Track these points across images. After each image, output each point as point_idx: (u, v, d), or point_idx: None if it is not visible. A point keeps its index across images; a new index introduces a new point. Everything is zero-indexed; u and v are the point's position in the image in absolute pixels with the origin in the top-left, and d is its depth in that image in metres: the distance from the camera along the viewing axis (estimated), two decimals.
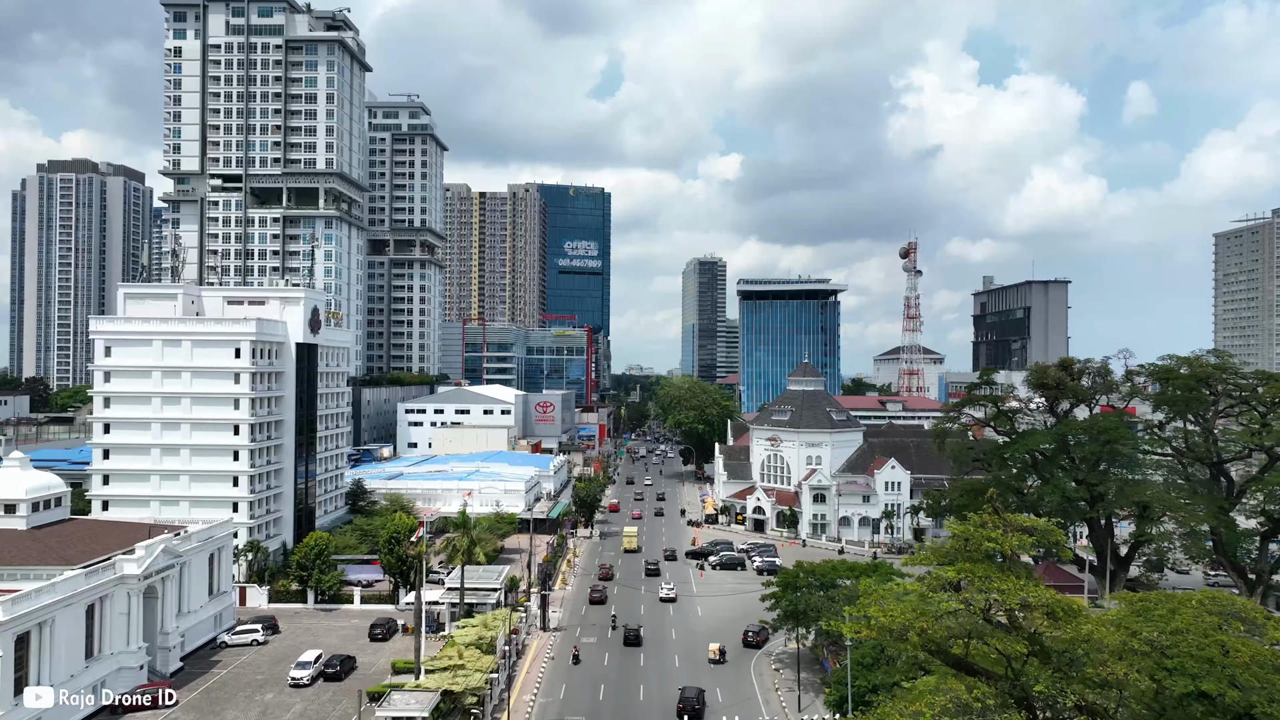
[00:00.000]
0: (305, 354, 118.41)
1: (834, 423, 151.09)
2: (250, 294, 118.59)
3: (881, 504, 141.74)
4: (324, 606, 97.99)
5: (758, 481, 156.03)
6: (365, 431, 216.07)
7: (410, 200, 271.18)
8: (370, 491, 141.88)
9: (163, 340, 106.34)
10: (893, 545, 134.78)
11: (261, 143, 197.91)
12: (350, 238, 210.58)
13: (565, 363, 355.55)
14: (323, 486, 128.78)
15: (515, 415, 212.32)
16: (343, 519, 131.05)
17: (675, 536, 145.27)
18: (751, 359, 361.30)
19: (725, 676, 78.28)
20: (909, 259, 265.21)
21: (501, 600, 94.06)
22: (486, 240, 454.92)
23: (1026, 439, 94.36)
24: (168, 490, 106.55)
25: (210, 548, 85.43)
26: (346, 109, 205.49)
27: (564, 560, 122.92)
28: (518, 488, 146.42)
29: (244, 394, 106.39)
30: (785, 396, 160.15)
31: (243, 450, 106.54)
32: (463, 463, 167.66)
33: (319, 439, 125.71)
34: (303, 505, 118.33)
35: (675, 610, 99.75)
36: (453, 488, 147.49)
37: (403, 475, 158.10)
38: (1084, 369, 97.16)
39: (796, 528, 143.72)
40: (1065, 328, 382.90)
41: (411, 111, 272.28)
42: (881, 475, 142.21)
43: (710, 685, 74.52)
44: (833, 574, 78.26)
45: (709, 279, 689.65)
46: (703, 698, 69.02)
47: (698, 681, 74.35)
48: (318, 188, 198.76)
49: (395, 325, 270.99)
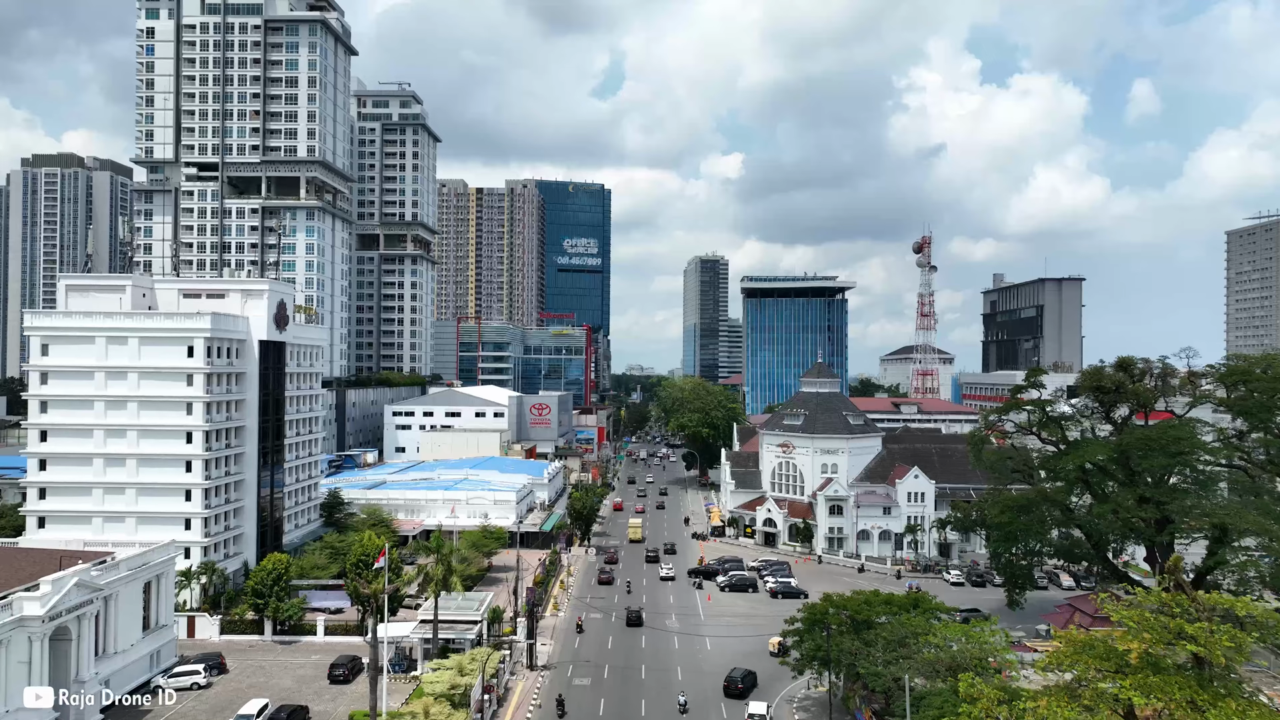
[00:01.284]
0: (270, 352, 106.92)
1: (851, 428, 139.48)
2: (209, 286, 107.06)
3: (904, 517, 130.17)
4: (283, 639, 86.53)
5: (768, 491, 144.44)
6: (351, 436, 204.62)
7: (401, 193, 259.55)
8: (347, 503, 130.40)
9: (106, 337, 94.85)
10: (918, 563, 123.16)
11: (239, 129, 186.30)
12: (334, 230, 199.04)
13: (564, 363, 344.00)
14: (293, 498, 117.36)
15: (509, 418, 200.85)
16: (316, 533, 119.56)
17: (680, 557, 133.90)
18: (756, 359, 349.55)
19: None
20: (922, 254, 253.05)
21: (483, 634, 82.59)
22: (484, 237, 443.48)
23: (1082, 449, 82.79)
24: (112, 505, 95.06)
25: (145, 576, 73.93)
26: (330, 94, 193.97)
27: (556, 580, 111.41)
28: (508, 498, 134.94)
29: (198, 397, 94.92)
30: (798, 399, 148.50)
31: (196, 460, 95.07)
32: (451, 470, 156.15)
33: (288, 446, 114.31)
34: (268, 520, 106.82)
35: (681, 645, 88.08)
36: (438, 498, 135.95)
37: (385, 484, 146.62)
38: (1146, 369, 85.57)
39: (811, 542, 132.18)
40: (1079, 327, 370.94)
41: (402, 101, 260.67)
42: (904, 485, 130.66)
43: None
44: (866, 610, 66.67)
45: (711, 277, 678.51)
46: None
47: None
48: (299, 176, 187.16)
49: (385, 324, 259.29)
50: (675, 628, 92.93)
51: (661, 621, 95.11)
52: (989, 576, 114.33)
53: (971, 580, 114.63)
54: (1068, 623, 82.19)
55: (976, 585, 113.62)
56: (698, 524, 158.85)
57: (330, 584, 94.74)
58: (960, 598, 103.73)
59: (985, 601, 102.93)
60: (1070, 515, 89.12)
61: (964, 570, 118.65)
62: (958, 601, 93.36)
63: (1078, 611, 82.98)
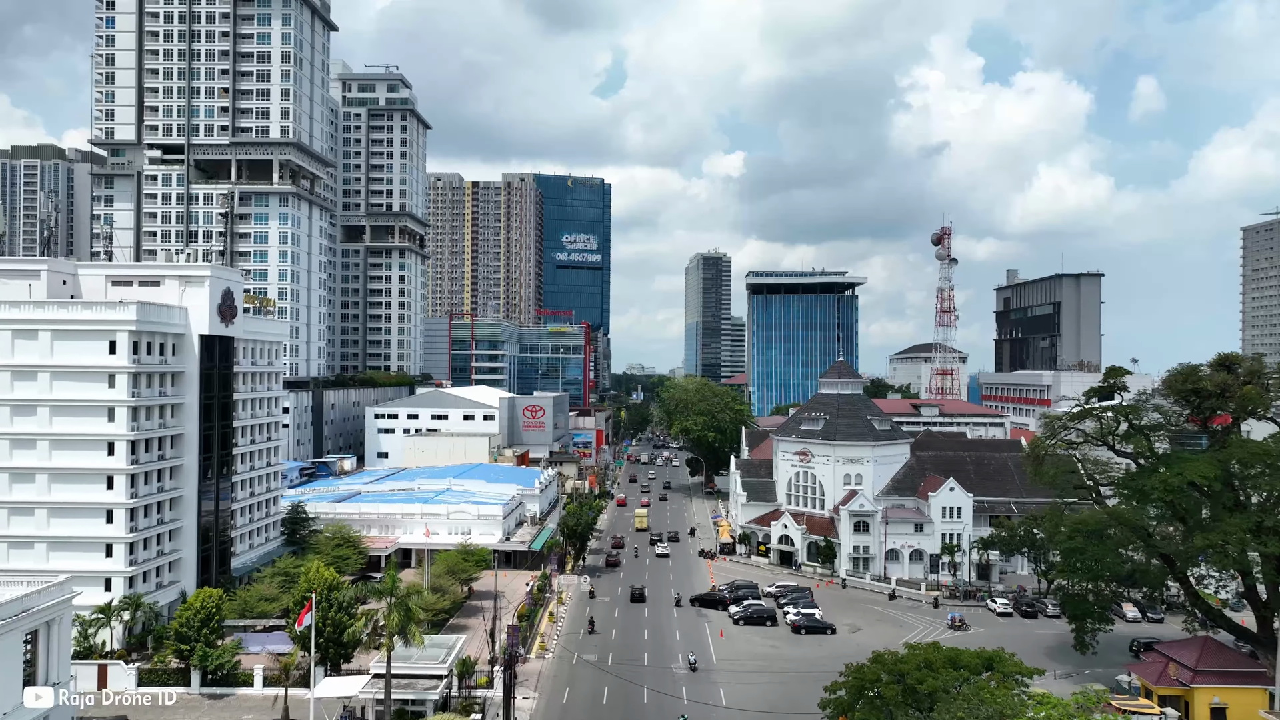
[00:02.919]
0: (215, 349, 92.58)
1: (877, 434, 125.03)
2: (141, 271, 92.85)
3: (938, 535, 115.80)
4: (213, 691, 72.17)
5: (784, 504, 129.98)
6: (330, 440, 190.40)
7: (388, 182, 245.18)
8: (313, 518, 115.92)
9: (12, 331, 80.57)
10: (956, 588, 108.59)
11: (206, 108, 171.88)
12: (311, 218, 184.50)
13: (562, 362, 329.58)
14: (245, 515, 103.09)
15: (500, 421, 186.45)
16: (275, 553, 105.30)
17: (685, 574, 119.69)
18: (762, 358, 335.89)
19: None
20: (942, 245, 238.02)
21: (451, 688, 68.22)
22: (480, 233, 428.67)
23: (1180, 465, 68.28)
24: (19, 529, 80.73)
25: (25, 626, 59.35)
26: (306, 70, 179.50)
27: (544, 611, 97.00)
28: (494, 512, 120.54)
29: (121, 401, 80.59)
30: (816, 402, 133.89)
31: (119, 475, 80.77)
32: (432, 479, 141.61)
33: (239, 455, 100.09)
34: (212, 542, 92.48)
35: (692, 697, 73.57)
36: (415, 512, 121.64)
37: (359, 495, 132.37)
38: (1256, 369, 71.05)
39: (833, 563, 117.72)
40: (1098, 325, 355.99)
41: (390, 84, 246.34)
42: (937, 499, 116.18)
43: None
44: (929, 677, 52.17)
45: (713, 275, 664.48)
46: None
47: None
48: (271, 160, 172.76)
49: (372, 321, 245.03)
50: (682, 672, 78.58)
51: (667, 665, 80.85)
52: (1040, 606, 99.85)
53: (1021, 610, 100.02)
54: (1161, 676, 67.81)
55: (1027, 616, 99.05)
56: (704, 536, 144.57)
57: (273, 624, 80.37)
58: (1011, 633, 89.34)
59: (1041, 639, 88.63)
60: (1151, 541, 74.80)
61: (1011, 598, 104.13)
62: (1008, 638, 78.88)
63: (1172, 662, 68.57)
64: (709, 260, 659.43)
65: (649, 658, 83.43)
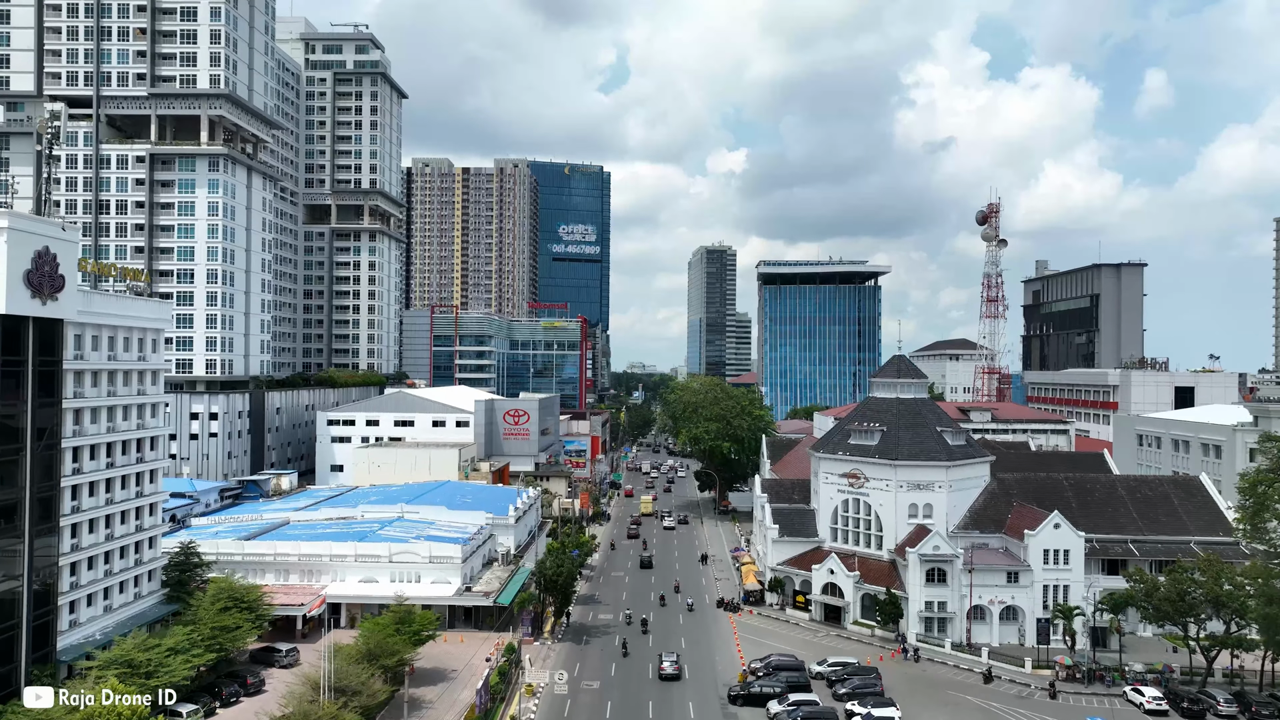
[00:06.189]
0: (25, 336, 63.66)
1: (950, 451, 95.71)
2: None
3: (1038, 587, 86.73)
4: None
5: (827, 540, 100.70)
6: (274, 451, 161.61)
7: (357, 155, 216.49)
8: (210, 561, 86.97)
9: None
10: (1078, 667, 79.03)
11: (120, 53, 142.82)
12: (251, 188, 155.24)
13: (557, 359, 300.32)
14: (93, 567, 74.02)
15: (476, 428, 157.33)
16: (147, 616, 76.44)
17: (702, 636, 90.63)
18: (774, 355, 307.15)
19: None
20: (989, 224, 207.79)
21: None
22: (470, 222, 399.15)
23: None
24: None
25: None
26: (244, 10, 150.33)
27: (511, 702, 67.93)
28: (450, 552, 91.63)
29: None
30: (869, 408, 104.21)
31: None
32: (382, 505, 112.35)
33: (76, 489, 71.19)
34: (18, 614, 63.48)
35: None
36: (347, 553, 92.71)
37: (285, 527, 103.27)
38: None
39: (899, 624, 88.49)
40: (1140, 319, 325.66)
41: (358, 45, 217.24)
42: (1037, 539, 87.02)
43: None
44: None
45: (717, 269, 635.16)
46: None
47: None
48: (199, 114, 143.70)
49: (339, 312, 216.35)
50: None
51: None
52: (1208, 701, 70.24)
53: (1182, 708, 70.39)
54: None
55: (1191, 717, 69.51)
56: (720, 572, 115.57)
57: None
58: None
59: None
60: None
61: (1163, 684, 74.72)
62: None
63: None
64: (713, 254, 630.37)
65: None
